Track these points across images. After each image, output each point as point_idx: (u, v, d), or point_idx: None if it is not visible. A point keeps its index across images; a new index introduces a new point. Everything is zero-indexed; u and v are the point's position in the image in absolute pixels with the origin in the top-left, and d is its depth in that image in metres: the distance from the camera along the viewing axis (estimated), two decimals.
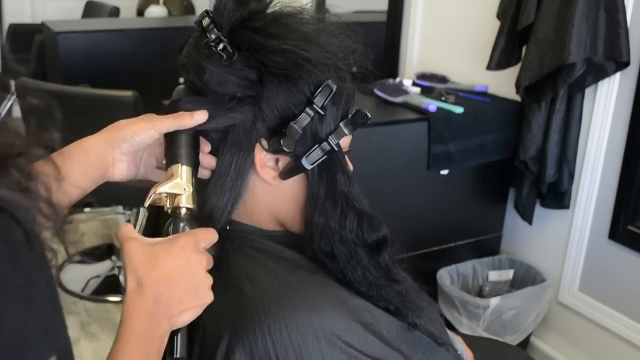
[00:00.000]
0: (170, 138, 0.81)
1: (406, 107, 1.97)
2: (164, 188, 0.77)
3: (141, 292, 0.68)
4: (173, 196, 0.77)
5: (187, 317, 0.71)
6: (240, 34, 0.79)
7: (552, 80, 1.83)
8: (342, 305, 0.77)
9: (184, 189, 0.77)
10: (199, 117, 0.79)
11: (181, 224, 0.76)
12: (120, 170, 0.80)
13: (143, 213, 0.75)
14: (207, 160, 0.82)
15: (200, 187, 0.83)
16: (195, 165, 0.80)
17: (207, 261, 0.73)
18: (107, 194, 2.42)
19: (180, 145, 0.80)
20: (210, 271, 0.80)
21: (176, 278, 0.70)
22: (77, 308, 2.53)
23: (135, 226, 0.76)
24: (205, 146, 0.82)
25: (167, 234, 0.75)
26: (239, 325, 0.74)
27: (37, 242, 0.48)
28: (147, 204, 0.77)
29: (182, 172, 0.79)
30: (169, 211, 0.78)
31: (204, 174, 0.83)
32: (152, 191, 0.77)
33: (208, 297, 0.73)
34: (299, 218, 0.84)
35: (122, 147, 0.79)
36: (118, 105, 2.20)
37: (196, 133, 0.81)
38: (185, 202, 0.77)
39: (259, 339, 0.73)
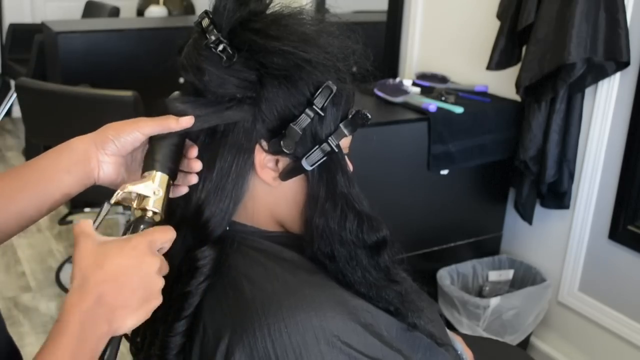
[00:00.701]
0: (153, 143, 0.79)
1: (406, 107, 1.97)
2: (134, 187, 0.75)
3: (82, 291, 0.65)
4: (141, 198, 0.75)
5: (130, 323, 0.67)
6: (240, 35, 0.79)
7: (552, 80, 1.83)
8: (342, 306, 0.77)
9: (154, 192, 0.75)
10: (185, 122, 0.78)
11: (141, 226, 0.73)
12: (107, 173, 0.80)
13: (106, 209, 0.71)
14: (193, 165, 0.81)
15: (194, 191, 0.82)
16: (172, 174, 0.78)
17: (160, 263, 0.70)
18: (107, 194, 2.42)
19: (159, 152, 0.78)
20: (211, 272, 0.80)
21: (123, 279, 0.66)
22: None
23: (95, 221, 0.73)
24: (193, 151, 0.81)
25: (125, 234, 0.73)
26: (238, 326, 0.74)
27: None
28: (113, 200, 0.75)
29: (157, 177, 0.77)
30: (135, 212, 0.76)
31: (190, 180, 0.81)
32: (121, 189, 0.76)
33: (156, 301, 0.69)
34: (299, 219, 0.84)
35: (106, 148, 0.79)
36: (118, 105, 2.21)
37: (182, 142, 0.80)
38: (153, 205, 0.75)
39: (259, 340, 0.73)
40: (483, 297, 2.03)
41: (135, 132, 0.78)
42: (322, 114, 0.80)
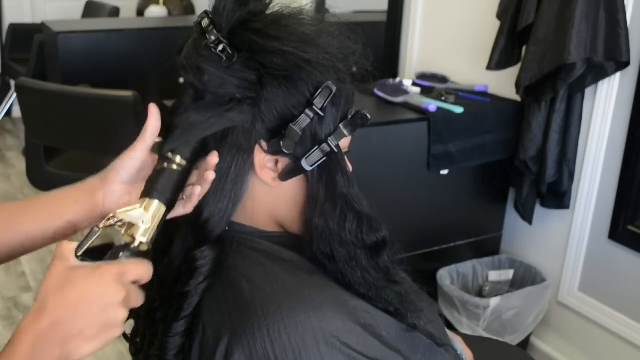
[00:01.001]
0: (155, 170, 0.77)
1: (406, 107, 1.97)
2: (124, 214, 0.72)
3: (39, 313, 0.64)
4: (130, 225, 0.73)
5: (85, 350, 0.65)
6: (240, 35, 0.79)
7: (552, 80, 1.83)
8: (342, 307, 0.77)
9: (143, 221, 0.72)
10: (152, 114, 0.79)
11: (121, 254, 0.71)
12: (114, 203, 0.80)
13: (95, 234, 0.69)
14: (207, 175, 0.79)
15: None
16: (169, 203, 0.76)
17: (126, 295, 0.67)
18: None
19: (160, 179, 0.76)
20: (210, 273, 0.80)
21: (82, 306, 0.64)
22: None
23: (82, 244, 0.71)
24: (213, 157, 0.79)
25: (106, 259, 0.71)
26: (238, 327, 0.74)
27: None
28: (102, 225, 0.72)
29: (152, 206, 0.74)
30: (123, 237, 0.73)
31: (208, 180, 0.79)
32: (112, 213, 0.73)
33: (115, 331, 0.67)
34: (299, 219, 0.84)
35: (111, 179, 0.80)
36: (118, 105, 2.21)
37: (186, 172, 0.78)
38: (141, 234, 0.72)
39: (258, 341, 0.73)
40: (483, 297, 2.03)
41: (131, 152, 0.79)
42: (322, 115, 0.80)
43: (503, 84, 2.08)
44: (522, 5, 1.86)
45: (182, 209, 0.80)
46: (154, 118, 0.80)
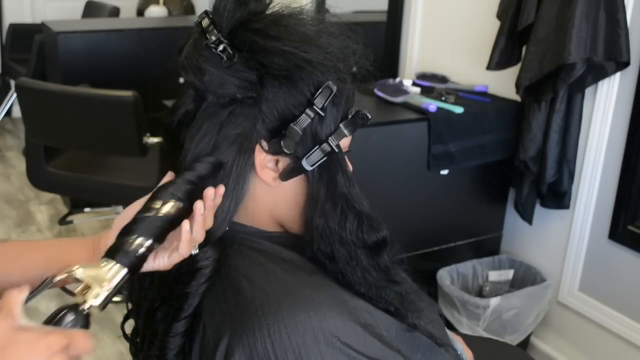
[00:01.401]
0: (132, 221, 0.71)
1: (406, 107, 1.97)
2: (82, 274, 0.66)
3: None
4: (86, 286, 0.65)
5: None
6: (240, 35, 0.79)
7: (552, 80, 1.83)
8: (342, 306, 0.77)
9: (102, 286, 0.65)
10: (167, 174, 0.79)
11: (71, 319, 0.63)
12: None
13: (47, 285, 0.65)
14: (211, 192, 0.77)
15: None
16: (133, 268, 0.69)
17: None
18: (107, 194, 2.42)
19: (128, 242, 0.69)
20: (212, 274, 0.80)
21: None
22: None
23: (32, 295, 0.64)
24: (220, 189, 0.78)
25: (51, 320, 0.63)
26: (238, 327, 0.74)
27: None
28: (57, 278, 0.66)
29: (112, 270, 0.67)
30: (76, 296, 0.66)
31: (197, 208, 0.75)
32: (73, 268, 0.66)
33: None
34: (299, 219, 0.84)
35: (113, 226, 0.79)
36: (118, 105, 2.20)
37: (162, 233, 0.72)
38: (93, 297, 0.65)
39: (259, 340, 0.73)
40: (483, 297, 2.03)
41: (139, 200, 0.78)
42: (323, 114, 0.80)
43: (503, 84, 2.08)
44: (522, 5, 1.86)
45: (176, 254, 0.75)
46: (168, 178, 0.79)
